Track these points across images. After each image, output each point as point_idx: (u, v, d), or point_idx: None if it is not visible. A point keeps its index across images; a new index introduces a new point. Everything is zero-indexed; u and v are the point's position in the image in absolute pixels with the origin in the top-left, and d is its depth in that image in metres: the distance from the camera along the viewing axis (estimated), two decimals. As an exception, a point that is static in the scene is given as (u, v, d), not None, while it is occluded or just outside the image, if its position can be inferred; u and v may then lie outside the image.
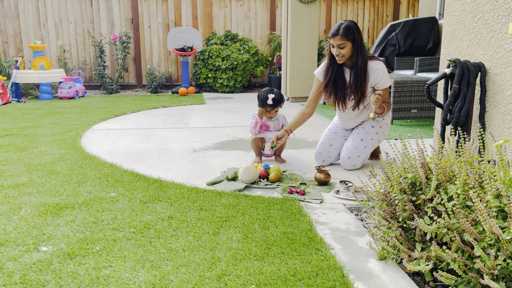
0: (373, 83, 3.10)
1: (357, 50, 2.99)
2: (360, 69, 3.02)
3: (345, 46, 2.97)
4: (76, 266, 1.83)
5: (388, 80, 3.11)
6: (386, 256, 1.85)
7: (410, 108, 4.91)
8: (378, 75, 3.06)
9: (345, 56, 3.00)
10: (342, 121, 3.38)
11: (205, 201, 2.56)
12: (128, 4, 8.42)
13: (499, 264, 1.44)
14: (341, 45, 2.96)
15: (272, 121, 3.46)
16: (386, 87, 3.10)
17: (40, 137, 4.28)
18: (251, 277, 1.73)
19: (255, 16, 8.85)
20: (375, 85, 3.10)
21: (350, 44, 2.97)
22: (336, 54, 3.00)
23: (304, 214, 2.35)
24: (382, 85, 3.09)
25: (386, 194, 1.92)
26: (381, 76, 3.06)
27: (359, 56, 3.00)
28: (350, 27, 2.95)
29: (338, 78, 3.12)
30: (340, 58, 3.02)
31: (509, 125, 2.46)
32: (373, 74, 3.06)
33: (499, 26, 2.50)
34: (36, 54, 7.36)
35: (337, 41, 2.96)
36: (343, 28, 2.94)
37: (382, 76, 3.06)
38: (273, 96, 3.30)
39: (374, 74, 3.06)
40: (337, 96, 3.16)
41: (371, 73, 3.07)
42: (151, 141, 4.18)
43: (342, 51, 2.98)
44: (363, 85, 3.06)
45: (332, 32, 2.99)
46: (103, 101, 7.00)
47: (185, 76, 8.22)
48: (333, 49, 3.01)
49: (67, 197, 2.62)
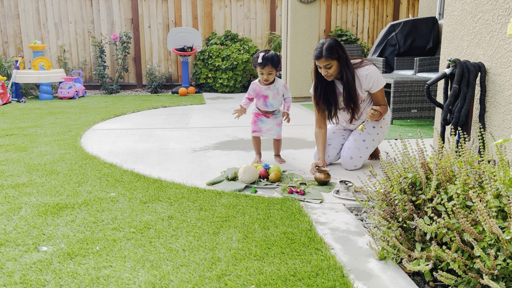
0: (367, 88, 3.12)
1: (343, 66, 3.02)
2: (350, 83, 3.04)
3: (332, 66, 2.98)
4: (76, 266, 1.83)
5: (382, 81, 3.11)
6: (386, 256, 1.85)
7: (410, 108, 4.91)
8: (369, 80, 3.08)
9: (333, 74, 3.03)
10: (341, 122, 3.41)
11: (205, 201, 2.56)
12: (128, 4, 8.43)
13: (499, 264, 1.44)
14: (327, 65, 2.98)
15: (270, 89, 3.28)
16: (380, 88, 3.12)
17: (40, 137, 4.28)
18: (251, 277, 1.73)
19: (255, 16, 8.85)
20: (369, 89, 3.12)
21: (335, 62, 2.99)
22: (325, 74, 3.03)
23: (304, 214, 2.35)
24: (376, 88, 3.10)
25: (386, 194, 1.92)
26: (373, 80, 3.08)
27: (346, 70, 3.03)
28: (332, 46, 2.96)
29: (328, 94, 3.16)
30: (329, 77, 3.05)
31: (509, 125, 2.46)
32: (364, 80, 3.08)
33: (499, 26, 2.50)
34: (36, 54, 7.36)
35: (322, 62, 2.98)
36: (325, 50, 2.95)
37: (374, 79, 3.08)
38: (264, 54, 3.13)
39: (366, 80, 3.08)
40: (330, 111, 3.21)
41: (362, 80, 3.09)
42: (151, 141, 4.18)
43: (330, 70, 3.00)
44: (355, 98, 3.09)
45: (315, 55, 2.99)
46: (103, 101, 7.01)
47: (185, 76, 8.22)
48: (321, 70, 3.03)
49: (67, 197, 2.62)
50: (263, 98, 3.33)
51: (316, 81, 3.15)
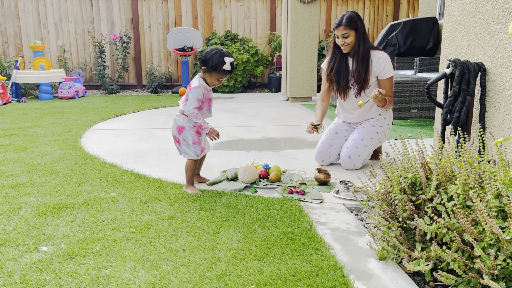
0: (377, 72, 3.18)
1: (360, 39, 3.12)
2: (362, 55, 3.13)
3: (349, 35, 3.10)
4: (76, 266, 1.82)
5: (392, 70, 3.19)
6: (386, 256, 1.85)
7: (410, 108, 4.90)
8: (381, 64, 3.16)
9: (350, 45, 3.13)
10: (344, 113, 3.40)
11: (205, 201, 2.56)
12: (128, 4, 8.42)
13: (499, 264, 1.44)
14: (345, 34, 3.09)
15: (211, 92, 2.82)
16: (389, 76, 3.18)
17: (40, 137, 4.28)
18: (251, 277, 1.73)
19: (255, 16, 8.85)
20: (379, 74, 3.18)
21: (353, 33, 3.10)
22: (341, 44, 3.13)
23: (304, 214, 2.35)
24: (385, 74, 3.17)
25: (386, 194, 1.92)
26: (384, 64, 3.16)
27: (361, 44, 3.13)
28: (352, 17, 3.10)
29: (341, 67, 3.24)
30: (345, 47, 3.14)
31: (509, 125, 2.46)
32: (376, 62, 3.16)
33: (499, 26, 2.50)
34: (36, 54, 7.36)
35: (341, 31, 3.09)
36: (346, 18, 3.08)
37: (385, 64, 3.16)
38: (232, 60, 2.64)
39: (378, 62, 3.16)
40: (340, 84, 3.25)
41: (374, 61, 3.17)
42: (151, 141, 4.18)
43: (347, 40, 3.11)
44: (365, 71, 3.16)
45: (335, 23, 3.13)
46: (103, 101, 7.00)
47: (185, 76, 8.22)
48: (338, 40, 3.14)
49: (67, 197, 2.62)
50: (208, 102, 2.78)
51: (332, 53, 3.26)
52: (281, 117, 5.62)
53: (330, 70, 3.27)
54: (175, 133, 2.76)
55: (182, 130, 2.73)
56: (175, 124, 2.76)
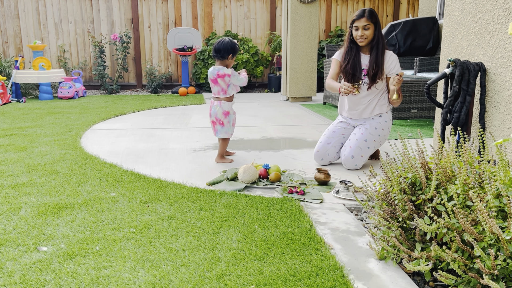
0: (387, 70, 3.27)
1: (378, 33, 3.22)
2: (382, 50, 3.24)
3: (369, 28, 3.18)
4: (76, 266, 1.83)
5: (400, 69, 3.29)
6: (386, 256, 1.85)
7: (410, 108, 4.91)
8: (392, 62, 3.27)
9: (368, 38, 3.21)
10: (350, 104, 3.38)
11: (205, 201, 2.56)
12: (128, 4, 8.43)
13: (499, 264, 1.44)
14: (366, 26, 3.17)
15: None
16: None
17: (40, 137, 4.28)
18: (251, 277, 1.73)
19: (255, 16, 8.85)
20: (388, 72, 3.27)
21: (373, 26, 3.19)
22: (360, 35, 3.20)
23: (304, 214, 2.35)
24: (395, 72, 3.26)
25: (386, 194, 1.92)
26: (395, 63, 3.28)
27: (380, 39, 3.23)
28: (373, 11, 3.22)
29: (356, 62, 3.30)
30: (363, 40, 3.21)
31: (509, 125, 2.46)
32: (388, 59, 3.27)
33: (499, 26, 2.50)
34: (36, 54, 7.36)
35: (363, 22, 3.17)
36: (368, 11, 3.19)
37: (396, 63, 3.28)
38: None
39: (389, 60, 3.27)
40: (354, 79, 3.31)
41: (386, 58, 3.27)
42: (151, 141, 4.18)
43: (367, 32, 3.19)
44: (381, 65, 3.25)
45: (357, 14, 3.21)
46: (103, 101, 7.00)
47: (185, 76, 8.22)
48: (357, 32, 3.21)
49: (67, 197, 2.62)
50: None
51: (348, 46, 3.31)
52: (281, 117, 5.62)
53: (346, 64, 3.32)
54: (220, 117, 3.32)
55: (228, 114, 3.34)
56: (220, 110, 3.31)
